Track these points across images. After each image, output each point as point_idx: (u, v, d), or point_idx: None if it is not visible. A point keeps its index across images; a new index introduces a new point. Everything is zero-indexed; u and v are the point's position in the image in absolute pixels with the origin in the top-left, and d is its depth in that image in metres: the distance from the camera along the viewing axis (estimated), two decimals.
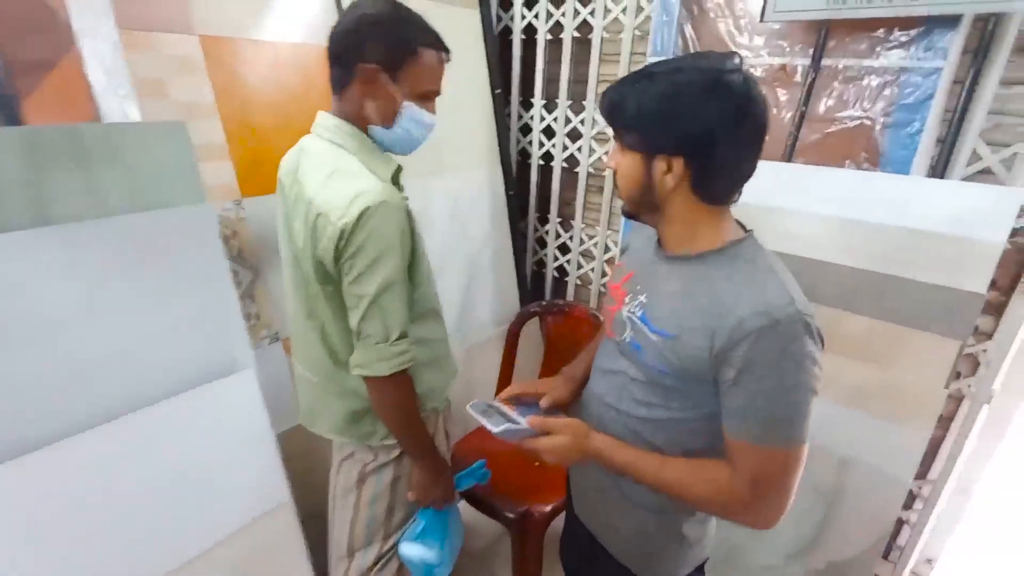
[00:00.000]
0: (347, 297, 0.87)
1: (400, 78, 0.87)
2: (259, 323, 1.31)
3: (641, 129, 0.68)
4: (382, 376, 0.87)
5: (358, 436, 1.02)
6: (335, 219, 0.81)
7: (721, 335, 0.65)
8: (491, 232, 1.93)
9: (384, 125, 0.90)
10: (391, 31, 0.85)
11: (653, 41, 1.49)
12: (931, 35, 1.08)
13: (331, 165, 0.87)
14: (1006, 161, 1.16)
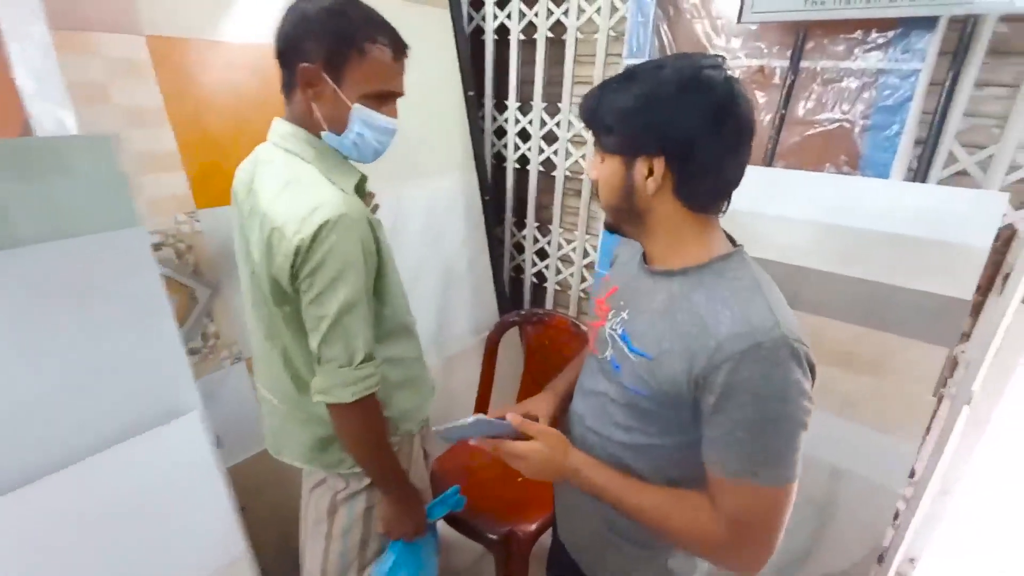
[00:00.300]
0: (306, 318, 0.81)
1: (345, 78, 0.79)
2: (219, 343, 1.23)
3: (620, 129, 0.65)
4: (345, 403, 0.81)
5: (326, 464, 0.96)
6: (290, 234, 0.74)
7: (700, 358, 0.61)
8: (467, 238, 1.87)
9: (334, 131, 0.83)
10: (331, 26, 0.77)
11: (629, 42, 1.46)
12: (909, 37, 1.07)
13: (286, 175, 0.80)
14: (982, 163, 1.15)
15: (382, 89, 0.82)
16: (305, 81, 0.79)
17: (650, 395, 0.67)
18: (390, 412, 0.93)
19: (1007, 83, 1.12)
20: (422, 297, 1.72)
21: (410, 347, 0.99)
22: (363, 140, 0.84)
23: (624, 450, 0.74)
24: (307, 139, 0.83)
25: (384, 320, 0.90)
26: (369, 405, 0.84)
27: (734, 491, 0.62)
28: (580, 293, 1.92)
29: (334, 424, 0.86)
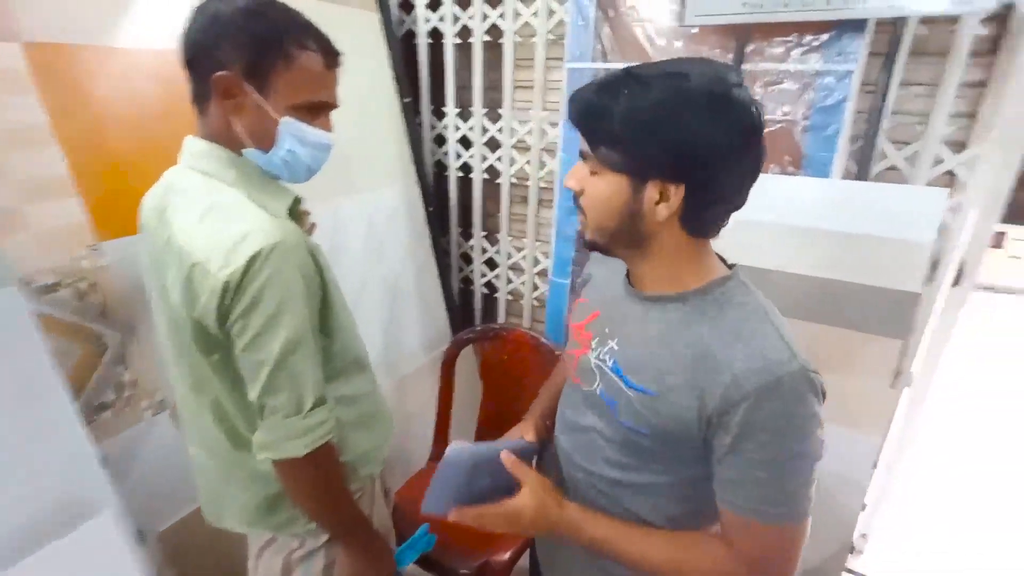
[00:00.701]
0: (242, 366, 0.70)
1: (270, 88, 0.69)
2: (137, 392, 1.08)
3: (631, 146, 0.56)
4: (296, 457, 0.70)
5: (276, 525, 0.84)
6: (215, 269, 0.64)
7: (713, 396, 0.56)
8: (412, 252, 1.77)
9: (260, 147, 0.72)
10: (251, 29, 0.67)
11: (569, 46, 1.43)
12: (841, 39, 1.11)
13: (206, 201, 0.69)
14: (909, 159, 1.22)
15: (313, 100, 0.72)
16: (222, 92, 0.68)
17: (651, 433, 0.62)
18: (347, 457, 0.84)
19: (926, 82, 1.19)
20: (369, 318, 1.61)
21: (364, 382, 0.89)
22: (295, 158, 0.74)
23: (617, 488, 0.68)
24: (227, 158, 0.72)
25: (333, 356, 0.80)
26: (324, 455, 0.74)
27: (753, 531, 0.58)
28: (533, 302, 1.87)
29: (284, 482, 0.75)
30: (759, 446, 0.55)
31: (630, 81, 0.56)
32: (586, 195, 0.62)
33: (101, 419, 1.03)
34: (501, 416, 1.56)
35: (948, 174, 1.20)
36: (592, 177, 0.61)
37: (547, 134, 1.63)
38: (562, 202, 1.60)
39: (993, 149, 1.11)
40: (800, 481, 0.57)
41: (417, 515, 1.39)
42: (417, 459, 1.62)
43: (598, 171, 0.60)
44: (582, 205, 0.63)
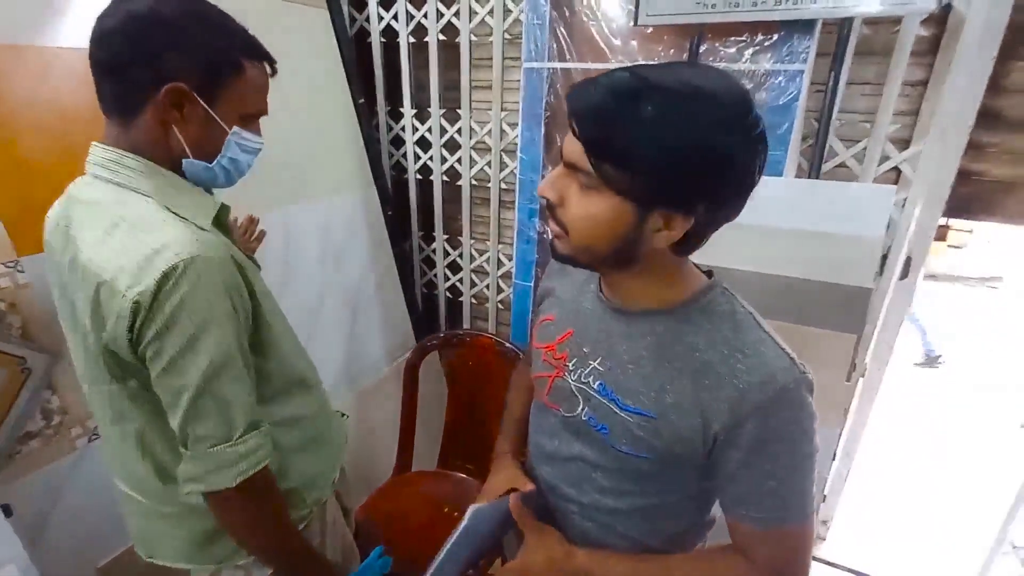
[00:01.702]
0: (160, 392, 0.64)
1: (221, 100, 0.66)
2: (67, 419, 1.00)
3: (650, 172, 0.49)
4: (227, 489, 0.65)
5: (215, 559, 0.79)
6: (124, 288, 0.58)
7: (719, 412, 0.54)
8: (372, 258, 1.72)
9: (203, 158, 0.69)
10: (201, 39, 0.64)
11: (526, 45, 1.41)
12: (791, 40, 1.12)
13: (114, 214, 0.63)
14: (857, 155, 1.25)
15: (261, 108, 0.73)
16: (167, 102, 0.63)
17: (655, 457, 0.59)
18: (290, 483, 0.79)
19: (872, 81, 1.22)
20: (328, 328, 1.55)
21: (309, 403, 0.84)
22: (235, 165, 0.73)
23: (614, 516, 0.66)
24: (140, 165, 0.66)
25: (270, 376, 0.75)
26: (259, 484, 0.68)
27: (770, 540, 0.58)
28: (498, 305, 1.85)
29: (216, 516, 0.70)
30: (772, 457, 0.55)
31: (652, 94, 0.48)
32: (569, 210, 0.54)
33: (28, 449, 0.95)
34: (468, 424, 1.53)
35: (894, 170, 1.23)
36: (582, 192, 0.53)
37: (507, 134, 1.60)
38: (523, 204, 1.58)
39: (934, 146, 1.15)
40: (810, 479, 0.57)
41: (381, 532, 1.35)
42: (381, 472, 1.57)
43: (594, 188, 0.52)
44: (561, 218, 0.55)
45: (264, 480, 0.69)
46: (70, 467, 1.00)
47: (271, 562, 0.77)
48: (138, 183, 0.66)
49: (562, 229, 0.56)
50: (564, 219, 0.55)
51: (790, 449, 0.55)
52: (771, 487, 0.56)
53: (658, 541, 0.66)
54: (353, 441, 1.64)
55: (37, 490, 0.96)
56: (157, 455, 0.72)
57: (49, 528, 0.97)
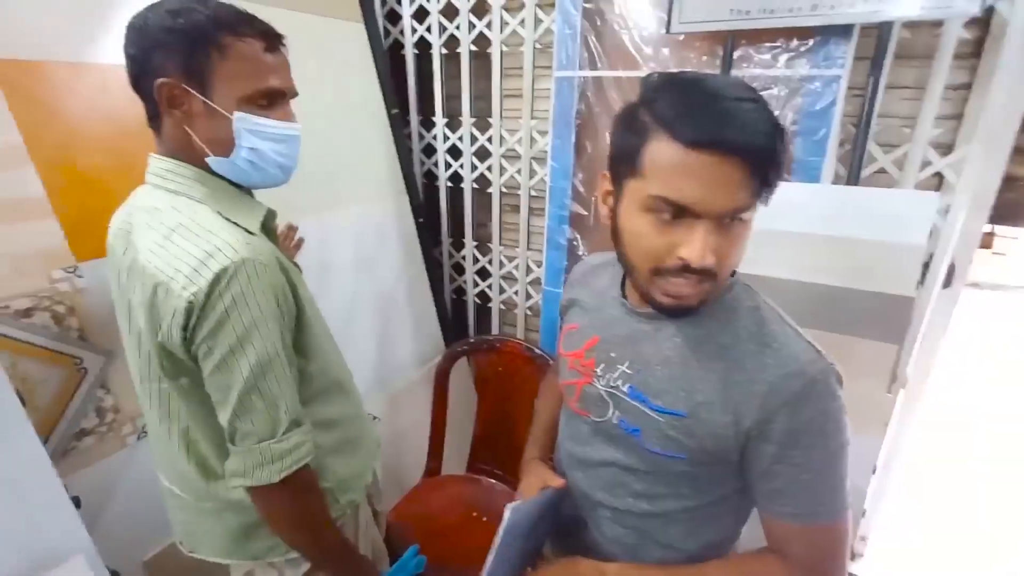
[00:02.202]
0: (210, 390, 0.67)
1: (213, 85, 0.65)
2: (120, 417, 1.04)
3: (783, 170, 0.50)
4: (271, 484, 0.67)
5: (254, 554, 0.81)
6: (179, 289, 0.61)
7: (750, 407, 0.55)
8: (403, 264, 1.75)
9: (220, 153, 0.69)
10: (177, 28, 0.63)
11: (558, 54, 1.42)
12: (828, 44, 1.11)
13: (172, 220, 0.66)
14: (897, 161, 1.22)
15: (261, 87, 0.68)
16: (168, 101, 0.65)
17: (688, 457, 0.59)
18: (326, 483, 0.81)
19: (911, 85, 1.20)
20: (360, 332, 1.58)
21: (346, 406, 0.86)
22: (261, 156, 0.70)
23: (648, 520, 0.66)
24: (193, 174, 0.69)
25: (311, 378, 0.78)
26: (301, 481, 0.71)
27: (806, 536, 0.57)
28: (526, 311, 1.86)
29: (260, 510, 0.72)
30: (804, 450, 0.55)
31: (757, 94, 0.50)
32: (724, 255, 0.52)
33: (83, 445, 0.99)
34: (497, 429, 1.54)
35: (936, 176, 1.20)
36: (734, 228, 0.52)
37: (537, 142, 1.62)
38: (554, 211, 1.59)
39: (979, 150, 1.12)
40: (843, 473, 0.57)
41: (411, 534, 1.36)
42: (411, 475, 1.59)
43: (746, 217, 0.52)
44: (715, 271, 0.52)
45: (306, 477, 0.71)
46: (120, 463, 1.04)
47: (310, 556, 0.79)
48: (191, 190, 0.69)
49: (711, 279, 0.54)
50: (718, 266, 0.52)
51: (822, 441, 0.55)
52: (805, 480, 0.55)
53: (694, 547, 0.66)
54: (384, 444, 1.65)
55: (89, 485, 1.00)
56: (201, 452, 0.75)
57: (99, 522, 1.01)
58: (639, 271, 0.56)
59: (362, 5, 1.58)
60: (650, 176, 0.51)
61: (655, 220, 0.52)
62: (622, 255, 0.58)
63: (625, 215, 0.55)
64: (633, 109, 0.54)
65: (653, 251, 0.53)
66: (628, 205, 0.54)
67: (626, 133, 0.54)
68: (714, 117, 0.47)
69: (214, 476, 0.76)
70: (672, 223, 0.51)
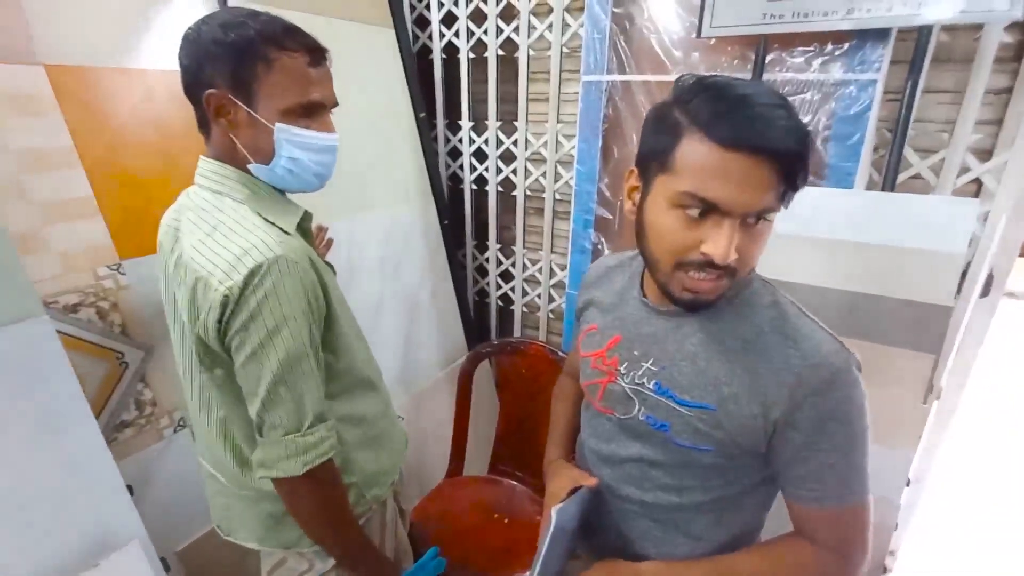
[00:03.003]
0: (241, 381, 0.69)
1: (257, 97, 0.68)
2: (157, 410, 1.08)
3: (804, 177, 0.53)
4: (296, 476, 0.69)
5: (284, 543, 0.83)
6: (216, 284, 0.64)
7: (779, 398, 0.57)
8: (428, 266, 1.77)
9: (261, 161, 0.72)
10: (228, 42, 0.66)
11: (585, 58, 1.43)
12: (864, 48, 1.09)
13: (214, 219, 0.69)
14: (934, 167, 1.19)
15: (303, 101, 0.70)
16: (215, 110, 0.69)
17: (717, 448, 0.61)
18: (352, 478, 0.83)
19: (949, 89, 1.17)
20: (386, 333, 1.61)
21: (374, 403, 0.88)
22: (299, 165, 0.73)
23: (676, 513, 0.67)
24: (236, 176, 0.73)
25: (339, 375, 0.80)
26: (324, 475, 0.73)
27: (833, 518, 0.60)
28: (549, 314, 1.86)
29: (284, 501, 0.74)
30: (830, 436, 0.57)
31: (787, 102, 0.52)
32: (746, 253, 0.54)
33: (123, 437, 1.03)
34: (519, 431, 1.54)
35: (974, 182, 1.17)
36: (758, 229, 0.54)
37: (562, 146, 1.62)
38: (579, 215, 1.59)
39: (1020, 156, 1.09)
40: (865, 458, 0.59)
41: (433, 533, 1.37)
42: (433, 475, 1.60)
43: (771, 218, 0.54)
44: (735, 267, 0.54)
45: (329, 471, 0.73)
46: (157, 455, 1.08)
47: (331, 549, 0.81)
48: (234, 191, 0.72)
49: (730, 276, 0.56)
50: (739, 263, 0.54)
51: (847, 427, 0.57)
52: (831, 466, 0.58)
53: (722, 537, 0.67)
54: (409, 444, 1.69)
55: (128, 475, 1.03)
56: (236, 441, 0.78)
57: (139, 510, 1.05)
58: (661, 265, 0.58)
59: (392, 11, 1.61)
60: (682, 173, 0.52)
61: (683, 216, 0.53)
62: (645, 249, 0.60)
63: (652, 210, 0.57)
64: (667, 108, 0.56)
65: (678, 246, 0.55)
66: (656, 200, 0.56)
67: (659, 131, 0.55)
68: (748, 120, 0.49)
69: (248, 465, 0.79)
70: (699, 220, 0.53)
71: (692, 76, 0.55)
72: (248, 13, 0.70)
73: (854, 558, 0.61)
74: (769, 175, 0.50)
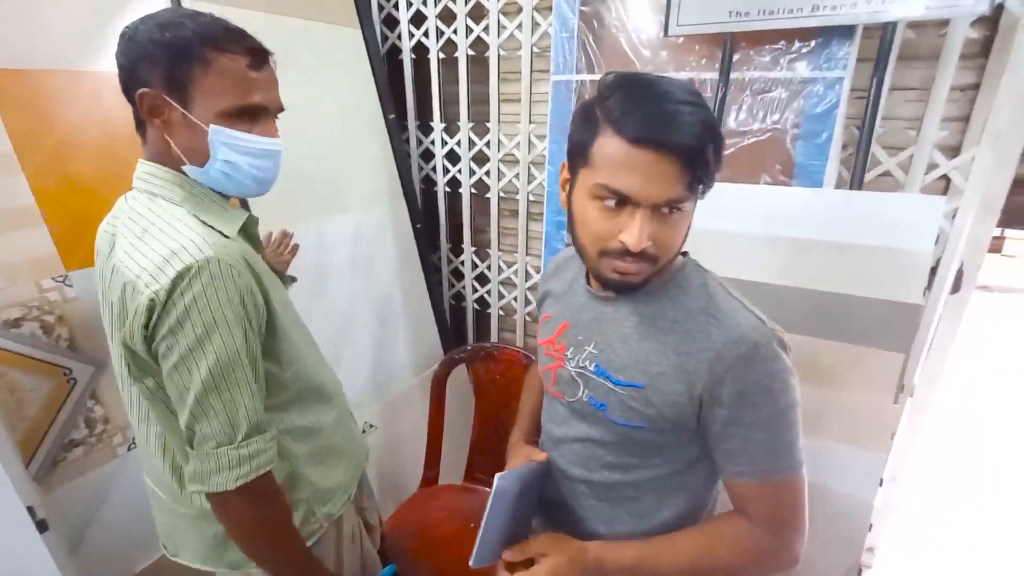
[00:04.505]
0: (170, 390, 0.66)
1: (192, 98, 0.66)
2: (110, 428, 1.03)
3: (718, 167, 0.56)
4: (229, 491, 0.66)
5: (231, 564, 0.80)
6: (143, 287, 0.61)
7: (700, 374, 0.59)
8: (400, 270, 1.74)
9: (196, 163, 0.69)
10: (163, 42, 0.64)
11: (554, 58, 1.41)
12: (830, 46, 1.09)
13: (147, 221, 0.67)
14: (902, 164, 1.19)
15: (242, 103, 0.68)
16: (149, 110, 0.67)
17: (649, 425, 0.64)
18: (302, 494, 0.79)
19: (916, 86, 1.17)
20: (357, 339, 1.57)
21: (324, 414, 0.85)
22: (235, 168, 0.70)
23: (621, 490, 0.69)
24: (173, 178, 0.70)
25: (285, 385, 0.76)
26: (261, 490, 0.69)
27: (765, 493, 0.61)
28: (526, 317, 1.83)
29: (218, 517, 0.70)
30: (753, 408, 0.59)
31: (698, 98, 0.55)
32: (662, 241, 0.58)
33: (72, 457, 0.98)
34: (495, 437, 1.51)
35: (943, 179, 1.17)
36: (672, 217, 0.57)
37: (535, 147, 1.60)
38: (552, 216, 1.57)
39: (988, 152, 1.09)
40: (795, 431, 0.60)
41: (407, 545, 1.34)
42: (409, 485, 1.57)
43: (683, 207, 0.57)
44: (653, 253, 0.58)
45: (266, 486, 0.70)
46: (110, 475, 1.03)
47: (270, 570, 0.77)
48: (170, 193, 0.70)
49: (651, 262, 0.59)
50: (657, 251, 0.58)
51: (770, 400, 0.59)
52: (759, 439, 0.59)
53: (668, 516, 0.69)
54: (381, 453, 1.65)
55: (79, 497, 0.99)
56: (175, 457, 0.75)
57: (89, 534, 1.00)
58: (588, 252, 0.62)
59: (359, 10, 1.57)
60: (598, 166, 0.56)
61: (601, 207, 0.57)
62: (574, 238, 0.64)
63: (577, 201, 0.61)
64: (589, 105, 0.59)
65: (599, 234, 0.58)
66: (580, 192, 0.60)
67: (581, 127, 0.59)
68: (654, 118, 0.52)
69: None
70: (615, 210, 0.57)
71: (614, 74, 0.58)
72: (189, 13, 0.68)
73: (786, 533, 0.62)
74: (674, 169, 0.53)
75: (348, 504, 0.89)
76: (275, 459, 0.70)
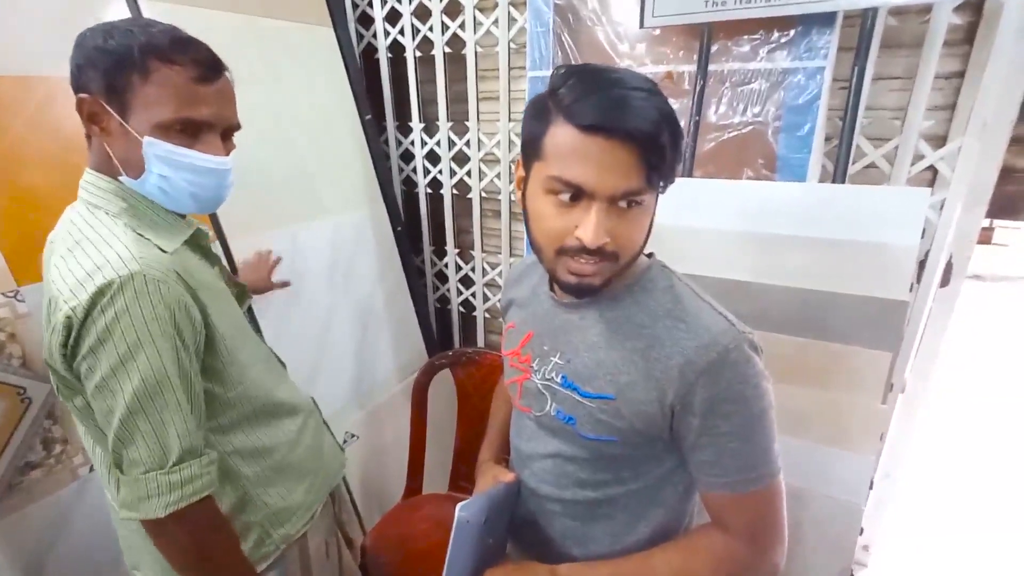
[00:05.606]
0: (95, 412, 0.63)
1: (130, 107, 0.63)
2: (70, 448, 0.99)
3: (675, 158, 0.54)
4: (158, 519, 0.62)
5: None
6: (63, 303, 0.58)
7: (671, 381, 0.56)
8: (382, 274, 1.70)
9: (130, 174, 0.66)
10: (106, 49, 0.62)
11: (531, 54, 1.37)
12: (810, 35, 1.05)
13: (80, 233, 0.64)
14: (887, 155, 1.16)
15: (179, 116, 0.65)
16: (88, 116, 0.64)
17: (620, 439, 0.60)
18: (252, 516, 0.76)
19: (899, 75, 1.14)
20: (337, 346, 1.53)
21: (280, 432, 0.81)
22: (170, 184, 0.67)
23: (595, 509, 0.66)
24: (113, 188, 0.67)
25: (231, 405, 0.73)
26: (198, 516, 0.65)
27: (742, 504, 0.58)
28: None
29: (156, 545, 0.66)
30: (726, 417, 0.56)
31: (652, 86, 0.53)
32: (621, 238, 0.55)
33: (29, 480, 0.94)
34: (479, 443, 1.47)
35: (930, 170, 1.14)
36: (631, 212, 0.54)
37: (516, 146, 1.56)
38: None
39: (975, 141, 1.06)
40: (769, 436, 0.58)
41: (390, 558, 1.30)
42: (394, 495, 1.53)
43: (642, 201, 0.54)
44: (611, 250, 0.55)
45: (203, 512, 0.65)
46: (72, 496, 0.99)
47: None
48: (109, 203, 0.67)
49: (610, 260, 0.56)
50: (616, 248, 0.55)
51: (744, 407, 0.56)
52: (732, 449, 0.57)
53: (644, 533, 0.66)
54: (363, 462, 1.61)
55: (38, 521, 0.95)
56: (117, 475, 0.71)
57: (50, 559, 0.96)
58: (545, 251, 0.58)
59: (331, 9, 1.53)
60: (550, 158, 0.54)
61: (556, 202, 0.54)
62: (531, 237, 0.61)
63: (532, 197, 0.58)
64: (541, 98, 0.57)
65: (554, 232, 0.55)
66: (534, 187, 0.57)
67: (533, 120, 0.57)
68: (605, 104, 0.50)
69: None
70: (571, 205, 0.54)
71: (565, 66, 0.56)
72: (143, 22, 0.67)
73: (764, 544, 0.59)
74: (630, 158, 0.51)
75: (310, 523, 0.85)
76: (213, 484, 0.66)
